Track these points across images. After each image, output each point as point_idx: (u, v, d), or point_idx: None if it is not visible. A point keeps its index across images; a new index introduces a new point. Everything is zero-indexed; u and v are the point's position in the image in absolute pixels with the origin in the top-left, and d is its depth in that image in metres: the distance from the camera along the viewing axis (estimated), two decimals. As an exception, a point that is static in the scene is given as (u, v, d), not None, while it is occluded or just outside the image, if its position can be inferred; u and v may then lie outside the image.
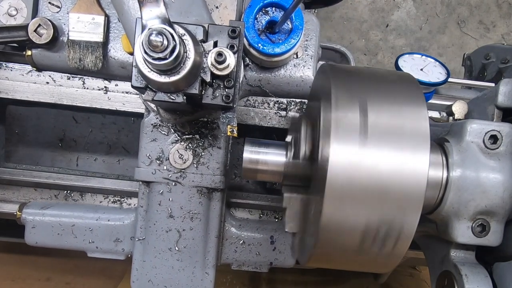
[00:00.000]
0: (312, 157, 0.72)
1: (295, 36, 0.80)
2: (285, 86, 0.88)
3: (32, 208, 0.97)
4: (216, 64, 0.65)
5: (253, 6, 0.79)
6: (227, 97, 0.69)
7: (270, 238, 0.98)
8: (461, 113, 0.81)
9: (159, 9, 0.58)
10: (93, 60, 0.90)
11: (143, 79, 0.64)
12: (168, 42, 0.56)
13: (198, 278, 0.92)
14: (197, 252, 0.91)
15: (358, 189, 0.57)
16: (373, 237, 0.60)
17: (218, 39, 0.68)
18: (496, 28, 2.48)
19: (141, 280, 0.92)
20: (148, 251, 0.91)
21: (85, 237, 0.96)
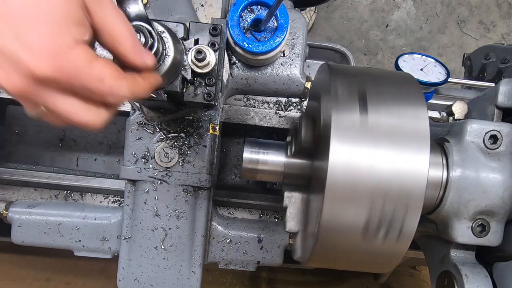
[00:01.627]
0: (312, 156, 0.72)
1: (280, 34, 0.80)
2: (272, 85, 0.88)
3: (19, 207, 0.97)
4: (196, 62, 0.66)
5: (238, 4, 0.79)
6: (208, 95, 0.69)
7: (257, 237, 0.98)
8: (461, 113, 0.80)
9: (137, 7, 0.58)
10: None
11: None
12: (146, 39, 0.57)
13: (185, 277, 0.92)
14: (183, 251, 0.91)
15: (358, 189, 0.57)
16: (373, 237, 0.60)
17: (199, 37, 0.69)
18: (496, 28, 2.48)
19: (127, 278, 0.92)
20: (134, 249, 0.91)
21: (71, 236, 0.97)
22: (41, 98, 0.43)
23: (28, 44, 0.39)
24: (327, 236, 0.60)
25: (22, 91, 0.42)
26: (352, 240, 0.61)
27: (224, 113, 0.94)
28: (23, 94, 0.42)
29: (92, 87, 0.45)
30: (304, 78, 0.89)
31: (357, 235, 0.60)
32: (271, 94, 0.91)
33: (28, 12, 0.39)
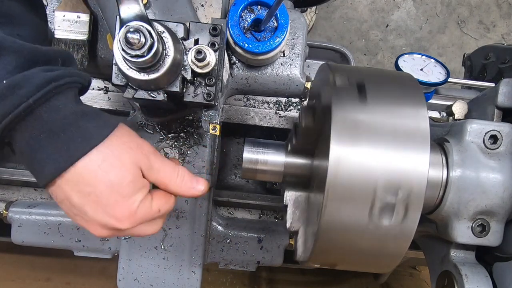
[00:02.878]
0: (312, 156, 0.72)
1: (280, 34, 0.80)
2: (272, 85, 0.88)
3: (19, 207, 0.97)
4: (196, 62, 0.66)
5: (238, 4, 0.79)
6: (208, 95, 0.69)
7: (257, 237, 0.98)
8: (461, 113, 0.80)
9: (137, 6, 0.58)
10: (79, 58, 0.90)
11: (123, 77, 0.64)
12: (146, 39, 0.57)
13: (185, 277, 0.93)
14: (183, 251, 0.91)
15: (358, 188, 0.57)
16: (373, 237, 0.60)
17: (199, 37, 0.69)
18: (496, 28, 2.48)
19: (127, 278, 0.92)
20: (134, 249, 0.91)
21: (71, 236, 0.97)
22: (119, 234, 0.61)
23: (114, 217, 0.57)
24: (327, 235, 0.60)
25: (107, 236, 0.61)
26: (352, 240, 0.61)
27: (224, 113, 0.94)
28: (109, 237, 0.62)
29: (154, 217, 0.63)
30: (304, 78, 0.89)
31: (357, 234, 0.60)
32: (271, 94, 0.91)
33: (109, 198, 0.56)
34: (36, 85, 0.51)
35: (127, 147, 0.59)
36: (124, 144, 0.59)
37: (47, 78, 0.52)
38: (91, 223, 0.58)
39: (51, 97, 0.52)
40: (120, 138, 0.59)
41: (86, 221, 0.58)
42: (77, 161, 0.54)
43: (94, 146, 0.55)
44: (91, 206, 0.56)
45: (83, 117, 0.55)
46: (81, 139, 0.54)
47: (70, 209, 0.58)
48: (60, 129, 0.53)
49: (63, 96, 0.54)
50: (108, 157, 0.56)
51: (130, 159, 0.58)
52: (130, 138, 0.61)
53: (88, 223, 0.58)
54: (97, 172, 0.55)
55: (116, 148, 0.57)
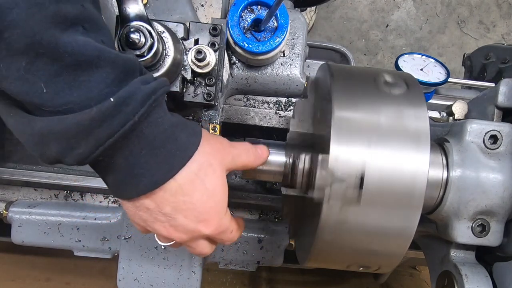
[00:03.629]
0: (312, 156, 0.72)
1: (280, 34, 0.80)
2: (272, 85, 0.88)
3: (19, 206, 0.97)
4: (196, 62, 0.66)
5: (238, 4, 0.79)
6: (208, 95, 0.69)
7: (257, 237, 0.98)
8: (461, 113, 0.80)
9: (137, 6, 0.58)
10: None
11: None
12: (146, 39, 0.57)
13: (185, 277, 0.93)
14: (183, 251, 0.91)
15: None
16: (373, 237, 0.60)
17: (199, 36, 0.69)
18: (496, 28, 2.48)
19: (127, 278, 0.93)
20: (134, 249, 0.91)
21: (71, 236, 0.97)
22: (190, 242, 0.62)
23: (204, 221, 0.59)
24: (326, 235, 0.60)
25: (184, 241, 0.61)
26: (352, 240, 0.61)
27: (224, 113, 0.94)
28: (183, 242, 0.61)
29: (225, 237, 0.64)
30: (304, 78, 0.89)
31: (357, 234, 0.60)
32: (271, 94, 0.91)
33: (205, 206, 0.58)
34: (140, 101, 0.49)
35: (215, 150, 0.60)
36: (212, 147, 0.59)
37: (147, 91, 0.50)
38: (175, 228, 0.58)
39: (151, 111, 0.50)
40: (208, 143, 0.59)
41: (170, 226, 0.58)
42: (177, 173, 0.54)
43: (191, 157, 0.55)
44: (184, 213, 0.57)
45: (177, 127, 0.54)
46: (179, 152, 0.54)
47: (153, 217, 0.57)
48: (160, 144, 0.52)
49: (160, 109, 0.52)
50: (203, 165, 0.57)
51: (219, 162, 0.60)
52: (213, 139, 0.61)
53: (172, 228, 0.58)
54: (195, 182, 0.56)
55: (208, 154, 0.58)
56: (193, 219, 0.58)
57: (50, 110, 0.46)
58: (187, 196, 0.56)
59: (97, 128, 0.46)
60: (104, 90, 0.47)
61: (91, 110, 0.46)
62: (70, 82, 0.45)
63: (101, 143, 0.47)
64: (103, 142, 0.47)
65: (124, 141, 0.50)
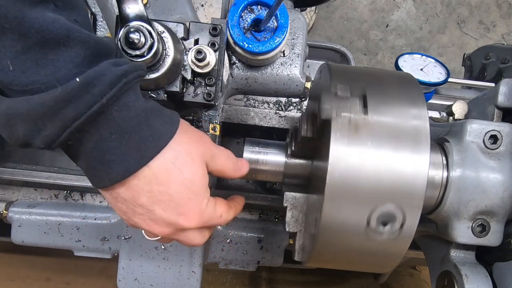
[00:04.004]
0: (312, 156, 0.72)
1: (280, 34, 0.80)
2: (272, 85, 0.88)
3: (19, 206, 0.97)
4: (196, 62, 0.66)
5: (238, 4, 0.79)
6: (208, 95, 0.69)
7: (257, 237, 0.98)
8: (461, 113, 0.80)
9: (137, 6, 0.58)
10: None
11: None
12: (146, 39, 0.57)
13: (185, 277, 0.93)
14: (183, 251, 0.91)
15: (358, 189, 0.57)
16: (373, 237, 0.60)
17: (199, 36, 0.69)
18: (496, 28, 2.48)
19: (127, 278, 0.93)
20: (134, 249, 0.91)
21: (71, 236, 0.97)
22: (176, 236, 0.59)
23: (184, 215, 0.56)
24: (327, 236, 0.60)
25: (169, 235, 0.58)
26: (352, 240, 0.61)
27: (224, 113, 0.94)
28: (167, 236, 0.59)
29: (215, 223, 0.62)
30: (304, 78, 0.89)
31: (357, 235, 0.60)
32: (271, 94, 0.91)
33: (182, 196, 0.55)
34: (109, 82, 0.46)
35: (193, 141, 0.57)
36: (190, 138, 0.57)
37: (118, 73, 0.47)
38: (155, 221, 0.56)
39: (121, 94, 0.48)
40: (186, 133, 0.57)
41: (150, 219, 0.56)
42: (150, 161, 0.51)
43: (165, 144, 0.53)
44: (161, 205, 0.54)
45: (152, 114, 0.52)
46: (152, 138, 0.51)
47: (131, 209, 0.55)
48: (131, 129, 0.50)
49: (132, 93, 0.50)
50: (180, 155, 0.54)
51: (198, 153, 0.57)
52: (193, 131, 0.59)
53: (152, 221, 0.56)
54: (171, 171, 0.53)
55: (185, 144, 0.56)
56: (172, 211, 0.55)
57: (17, 90, 0.45)
58: (163, 186, 0.53)
59: (62, 108, 0.44)
60: (72, 70, 0.45)
61: (55, 90, 0.44)
62: (37, 61, 0.44)
63: (68, 125, 0.45)
64: (70, 124, 0.45)
65: (93, 124, 0.47)
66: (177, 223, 0.56)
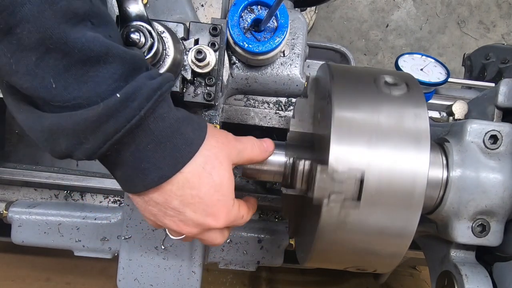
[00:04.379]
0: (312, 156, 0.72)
1: (280, 34, 0.80)
2: (272, 85, 0.88)
3: (19, 206, 0.97)
4: (196, 62, 0.66)
5: (238, 4, 0.79)
6: (208, 95, 0.69)
7: (257, 237, 0.98)
8: (461, 113, 0.80)
9: (137, 6, 0.58)
10: None
11: None
12: (146, 39, 0.57)
13: (185, 277, 0.92)
14: (183, 251, 0.91)
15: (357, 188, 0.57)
16: (373, 237, 0.60)
17: (200, 37, 0.69)
18: (496, 28, 2.48)
19: (127, 278, 0.92)
20: (134, 249, 0.91)
21: (71, 236, 0.97)
22: (201, 235, 0.62)
23: (213, 215, 0.59)
24: (327, 236, 0.60)
25: (195, 235, 0.61)
26: (352, 240, 0.61)
27: (224, 113, 0.94)
28: (194, 235, 0.62)
29: (238, 223, 0.65)
30: (304, 78, 0.89)
31: (357, 235, 0.60)
32: (271, 94, 0.91)
33: (212, 198, 0.58)
34: (146, 96, 0.49)
35: (220, 143, 0.60)
36: (218, 141, 0.60)
37: (153, 87, 0.50)
38: (184, 222, 0.59)
39: (156, 106, 0.51)
40: (214, 137, 0.60)
41: (180, 220, 0.59)
42: (183, 167, 0.54)
43: (196, 150, 0.56)
44: (192, 207, 0.57)
45: (183, 122, 0.55)
46: (185, 146, 0.54)
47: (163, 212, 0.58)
48: (166, 138, 0.53)
49: (165, 104, 0.53)
50: (210, 159, 0.57)
51: (225, 155, 0.60)
52: (219, 133, 0.62)
53: (181, 222, 0.59)
54: (202, 175, 0.56)
55: (214, 147, 0.59)
56: (202, 212, 0.58)
57: (59, 105, 0.47)
58: (195, 189, 0.56)
59: (104, 123, 0.47)
60: (112, 85, 0.48)
61: (98, 106, 0.46)
62: (78, 78, 0.46)
63: (109, 138, 0.48)
64: (111, 137, 0.48)
65: (131, 136, 0.50)
66: (206, 223, 0.59)
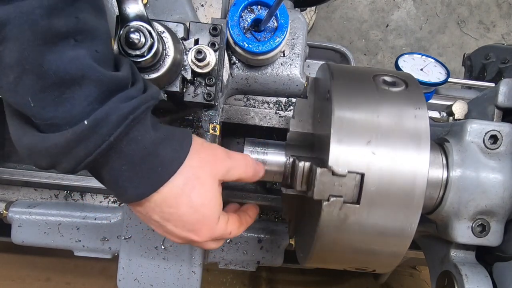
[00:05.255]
0: (312, 156, 0.72)
1: (280, 34, 0.80)
2: (272, 85, 0.88)
3: (19, 206, 0.97)
4: (196, 62, 0.66)
5: (238, 4, 0.79)
6: (208, 95, 0.69)
7: (257, 237, 0.98)
8: (461, 113, 0.80)
9: (137, 6, 0.58)
10: None
11: None
12: (146, 39, 0.57)
13: (185, 277, 0.92)
14: (183, 251, 0.91)
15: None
16: (373, 237, 0.60)
17: (200, 36, 0.69)
18: (496, 28, 2.48)
19: (127, 278, 0.92)
20: (134, 249, 0.91)
21: (71, 236, 0.96)
22: (192, 244, 0.64)
23: (194, 231, 0.60)
24: (326, 236, 0.60)
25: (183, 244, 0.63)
26: (352, 240, 0.61)
27: (224, 113, 0.94)
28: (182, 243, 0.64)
29: (225, 238, 0.66)
30: (304, 78, 0.89)
31: (357, 235, 0.60)
32: (271, 94, 0.91)
33: (191, 218, 0.59)
34: (115, 122, 0.49)
35: (205, 162, 0.59)
36: (201, 161, 0.59)
37: (125, 111, 0.50)
38: (169, 234, 0.61)
39: (129, 129, 0.51)
40: (197, 155, 0.59)
41: (165, 232, 0.61)
42: (159, 188, 0.55)
43: (174, 172, 0.56)
44: (172, 223, 0.59)
45: (160, 144, 0.55)
46: (161, 168, 0.54)
47: (148, 221, 0.61)
48: (140, 160, 0.53)
49: (141, 126, 0.53)
50: (189, 179, 0.57)
51: (209, 174, 0.59)
52: (205, 151, 0.61)
53: (167, 233, 0.61)
54: (180, 196, 0.57)
55: (195, 168, 0.58)
56: (182, 228, 0.59)
57: (40, 123, 0.48)
58: (173, 208, 0.57)
59: (74, 148, 0.48)
60: (86, 108, 0.48)
61: (67, 132, 0.47)
62: (55, 99, 0.47)
63: (81, 161, 0.49)
64: (83, 159, 0.49)
65: (104, 159, 0.51)
66: (188, 238, 0.61)
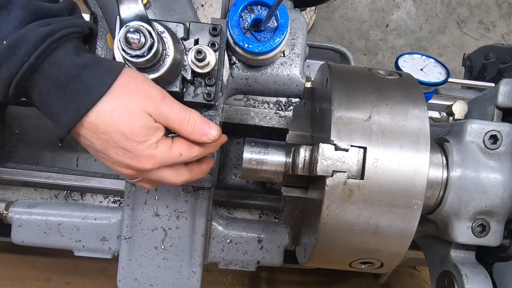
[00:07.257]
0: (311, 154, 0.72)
1: (280, 34, 0.80)
2: (272, 85, 0.88)
3: (19, 206, 0.97)
4: (196, 62, 0.66)
5: (238, 4, 0.79)
6: (208, 95, 0.69)
7: (257, 237, 0.98)
8: (461, 113, 0.80)
9: (137, 6, 0.58)
10: None
11: None
12: (146, 39, 0.57)
13: (185, 277, 0.92)
14: (183, 251, 0.91)
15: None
16: (373, 237, 0.60)
17: (200, 37, 0.69)
18: (496, 28, 2.48)
19: (127, 278, 0.92)
20: (134, 249, 0.91)
21: (71, 236, 0.97)
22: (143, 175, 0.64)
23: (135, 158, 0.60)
24: (326, 236, 0.60)
25: (133, 176, 0.64)
26: (352, 240, 0.61)
27: (224, 113, 0.94)
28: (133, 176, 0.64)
29: (176, 162, 0.64)
30: (304, 78, 0.89)
31: (356, 235, 0.60)
32: (271, 94, 0.91)
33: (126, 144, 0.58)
34: (33, 43, 0.52)
35: (134, 94, 0.59)
36: (130, 91, 0.59)
37: (42, 33, 0.53)
38: (117, 164, 0.61)
39: (50, 52, 0.54)
40: (126, 86, 0.58)
41: (112, 163, 0.61)
42: (87, 112, 0.55)
43: (99, 98, 0.56)
44: (113, 151, 0.59)
45: (84, 69, 0.56)
46: (85, 92, 0.55)
47: (96, 153, 0.61)
48: (64, 84, 0.54)
49: (62, 50, 0.55)
50: (117, 107, 0.57)
51: (138, 106, 0.59)
52: (137, 85, 0.60)
53: (114, 164, 0.61)
54: (109, 122, 0.57)
55: (123, 97, 0.58)
56: (124, 155, 0.59)
57: None
58: (105, 135, 0.58)
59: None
60: (11, 31, 0.52)
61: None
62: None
63: (8, 83, 0.53)
64: (9, 81, 0.52)
65: (29, 81, 0.54)
66: (134, 166, 0.61)
